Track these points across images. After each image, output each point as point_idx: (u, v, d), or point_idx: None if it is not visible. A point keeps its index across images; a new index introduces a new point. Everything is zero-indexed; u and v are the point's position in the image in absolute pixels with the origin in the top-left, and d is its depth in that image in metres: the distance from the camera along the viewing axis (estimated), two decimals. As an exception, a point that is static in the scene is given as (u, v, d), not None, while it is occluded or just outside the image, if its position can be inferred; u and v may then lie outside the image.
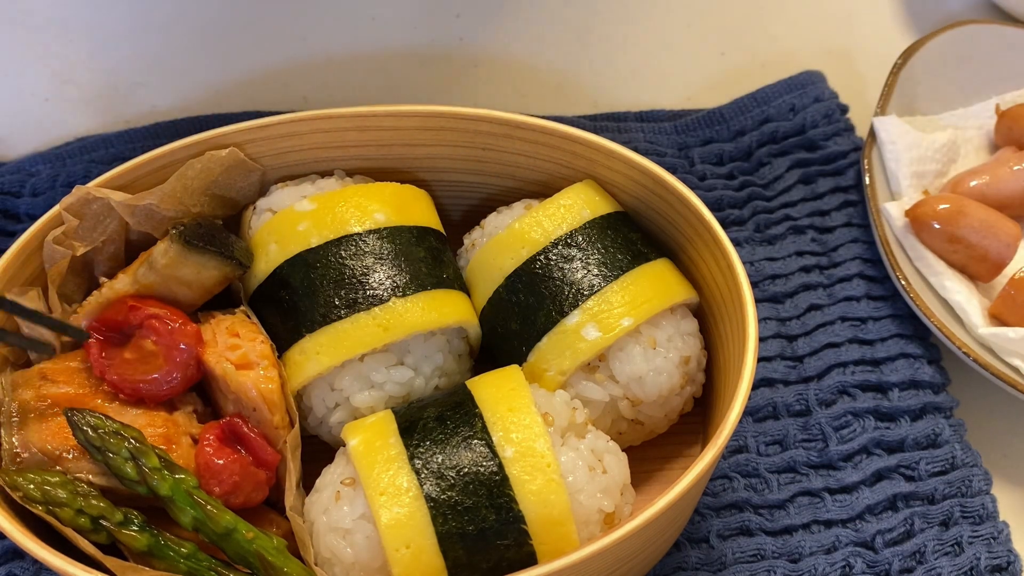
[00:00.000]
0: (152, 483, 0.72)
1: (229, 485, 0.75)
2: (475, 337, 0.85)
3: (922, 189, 0.99)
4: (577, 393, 0.80)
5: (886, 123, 1.00)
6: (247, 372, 0.77)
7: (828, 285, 0.97)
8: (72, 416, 0.73)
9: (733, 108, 1.08)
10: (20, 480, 0.71)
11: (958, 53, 1.06)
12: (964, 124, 1.05)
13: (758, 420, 0.89)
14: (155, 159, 0.86)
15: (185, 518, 0.72)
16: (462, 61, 1.17)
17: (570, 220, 0.84)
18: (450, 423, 0.74)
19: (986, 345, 0.91)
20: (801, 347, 0.93)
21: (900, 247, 0.95)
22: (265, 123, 0.87)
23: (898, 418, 0.88)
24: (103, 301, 0.81)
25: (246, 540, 0.72)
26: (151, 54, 1.16)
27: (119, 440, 0.72)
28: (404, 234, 0.84)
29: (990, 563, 0.81)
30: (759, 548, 0.82)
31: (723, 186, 1.03)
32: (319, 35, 1.17)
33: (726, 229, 1.00)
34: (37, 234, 0.82)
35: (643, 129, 1.07)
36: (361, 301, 0.79)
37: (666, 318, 0.82)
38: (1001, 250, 0.93)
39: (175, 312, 0.80)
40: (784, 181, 1.03)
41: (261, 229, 0.85)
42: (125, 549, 0.72)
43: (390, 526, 0.70)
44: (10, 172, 1.02)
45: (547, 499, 0.71)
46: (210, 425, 0.78)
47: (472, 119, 0.88)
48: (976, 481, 0.85)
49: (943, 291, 0.93)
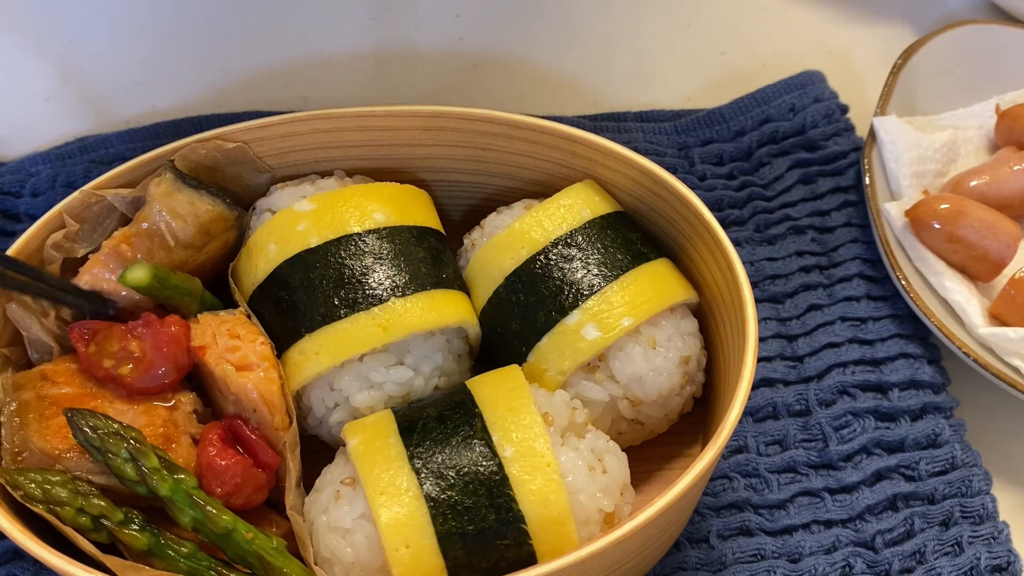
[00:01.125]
0: (152, 484, 0.71)
1: (231, 486, 0.75)
2: (475, 337, 0.85)
3: (922, 189, 0.99)
4: (577, 393, 0.80)
5: (886, 123, 1.00)
6: (247, 373, 0.77)
7: (828, 285, 0.97)
8: (72, 416, 0.72)
9: (733, 108, 1.08)
10: (21, 479, 0.71)
11: (958, 53, 1.06)
12: (964, 124, 1.05)
13: (758, 420, 0.89)
14: (155, 159, 0.86)
15: (184, 518, 0.72)
16: (462, 61, 1.17)
17: (570, 220, 0.84)
18: (450, 423, 0.74)
19: (986, 345, 0.91)
20: (801, 347, 0.93)
21: (900, 247, 0.95)
22: (265, 123, 0.87)
23: (898, 418, 0.88)
24: (108, 251, 0.81)
25: (245, 540, 0.72)
26: (151, 54, 1.16)
27: (119, 441, 0.72)
28: (404, 234, 0.84)
29: (990, 563, 0.81)
30: (759, 548, 0.82)
31: (723, 186, 1.03)
32: (319, 35, 1.17)
33: (726, 229, 1.00)
34: (37, 234, 0.82)
35: (643, 129, 1.07)
36: (361, 301, 0.79)
37: (666, 318, 0.82)
38: (1001, 250, 0.93)
39: (162, 318, 0.80)
40: (784, 181, 1.03)
41: (261, 229, 0.85)
42: (125, 548, 0.72)
43: (390, 526, 0.70)
44: (10, 172, 1.02)
45: (547, 499, 0.71)
46: (212, 425, 0.78)
47: (472, 119, 0.88)
48: (976, 481, 0.85)
49: (943, 291, 0.93)
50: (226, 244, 0.86)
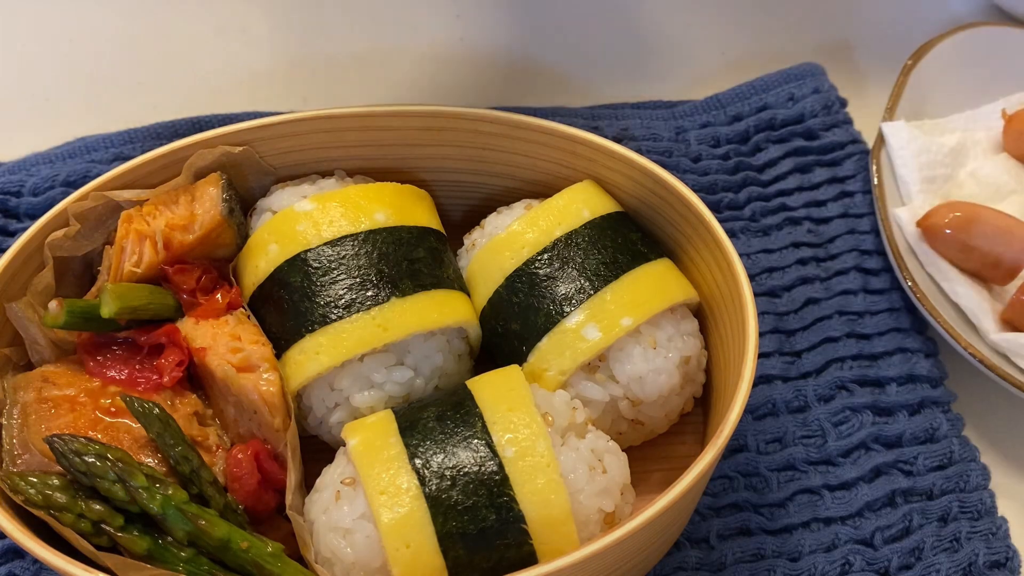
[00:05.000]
0: (142, 502, 0.71)
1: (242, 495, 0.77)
2: (475, 337, 0.85)
3: (932, 193, 0.98)
4: (577, 393, 0.80)
5: (895, 128, 0.99)
6: (248, 375, 0.78)
7: (825, 278, 0.97)
8: (55, 444, 0.71)
9: (731, 95, 1.08)
10: (22, 484, 0.71)
11: (966, 55, 1.05)
12: (972, 127, 1.04)
13: (757, 418, 0.89)
14: (155, 159, 0.86)
15: (179, 533, 0.72)
16: (462, 61, 1.17)
17: (570, 220, 0.84)
18: (450, 423, 0.75)
19: (998, 350, 0.91)
20: (799, 342, 0.93)
21: (911, 252, 0.95)
22: (265, 123, 0.87)
23: (896, 412, 0.89)
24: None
25: (241, 550, 0.72)
26: (151, 54, 1.16)
27: (104, 464, 0.71)
28: (404, 234, 0.84)
29: (989, 559, 0.81)
30: (759, 547, 0.82)
31: (718, 167, 1.03)
32: (319, 35, 1.17)
33: (721, 214, 1.01)
34: (37, 234, 0.82)
35: (640, 116, 1.08)
36: (361, 301, 0.80)
37: (666, 318, 0.82)
38: (1015, 255, 0.92)
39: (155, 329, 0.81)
40: (780, 167, 1.03)
41: (261, 229, 0.85)
42: (126, 552, 0.72)
43: (390, 525, 0.70)
44: (10, 172, 1.02)
45: (547, 499, 0.71)
46: (251, 443, 0.78)
47: (472, 119, 0.88)
48: (974, 476, 0.85)
49: (955, 296, 0.93)
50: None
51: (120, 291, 0.79)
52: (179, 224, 0.82)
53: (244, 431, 0.80)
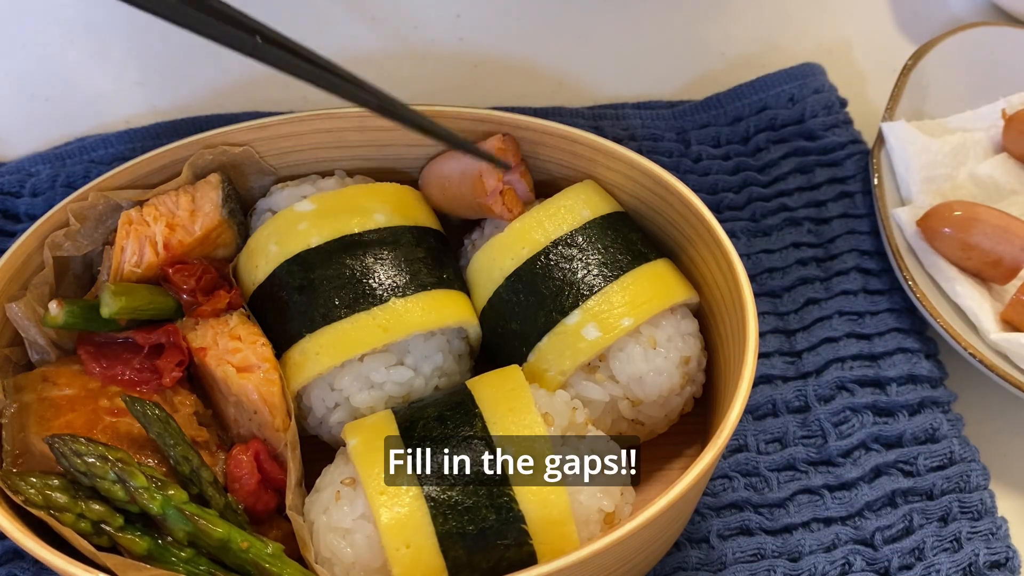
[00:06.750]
0: (142, 503, 0.71)
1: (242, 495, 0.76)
2: (475, 337, 0.85)
3: (932, 193, 0.98)
4: (577, 393, 0.80)
5: (895, 129, 0.99)
6: (248, 375, 0.78)
7: (825, 279, 0.97)
8: (55, 444, 0.71)
9: (731, 95, 1.08)
10: (22, 484, 0.71)
11: (966, 55, 1.05)
12: (972, 127, 1.04)
13: (758, 418, 0.89)
14: (155, 159, 0.86)
15: (179, 534, 0.72)
16: (462, 61, 1.17)
17: (570, 220, 0.84)
18: (450, 423, 0.75)
19: (997, 350, 0.90)
20: (799, 342, 0.93)
21: (911, 252, 0.95)
22: (265, 123, 0.87)
23: (896, 413, 0.89)
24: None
25: (241, 550, 0.72)
26: (151, 54, 1.16)
27: (104, 464, 0.71)
28: (404, 234, 0.84)
29: (989, 559, 0.81)
30: (759, 547, 0.82)
31: (718, 168, 1.03)
32: (319, 35, 1.17)
33: (721, 215, 1.00)
34: (37, 234, 0.82)
35: (641, 116, 1.08)
36: (361, 301, 0.80)
37: (666, 318, 0.82)
38: (1016, 254, 0.91)
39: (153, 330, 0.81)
40: (780, 168, 1.03)
41: (261, 229, 0.85)
42: (126, 552, 0.72)
43: (390, 526, 0.70)
44: (10, 172, 1.02)
45: (547, 499, 0.71)
46: (251, 443, 0.78)
47: (472, 119, 0.88)
48: (974, 476, 0.85)
49: (955, 296, 0.93)
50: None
51: (120, 291, 0.79)
52: (179, 224, 0.83)
53: (244, 431, 0.80)
